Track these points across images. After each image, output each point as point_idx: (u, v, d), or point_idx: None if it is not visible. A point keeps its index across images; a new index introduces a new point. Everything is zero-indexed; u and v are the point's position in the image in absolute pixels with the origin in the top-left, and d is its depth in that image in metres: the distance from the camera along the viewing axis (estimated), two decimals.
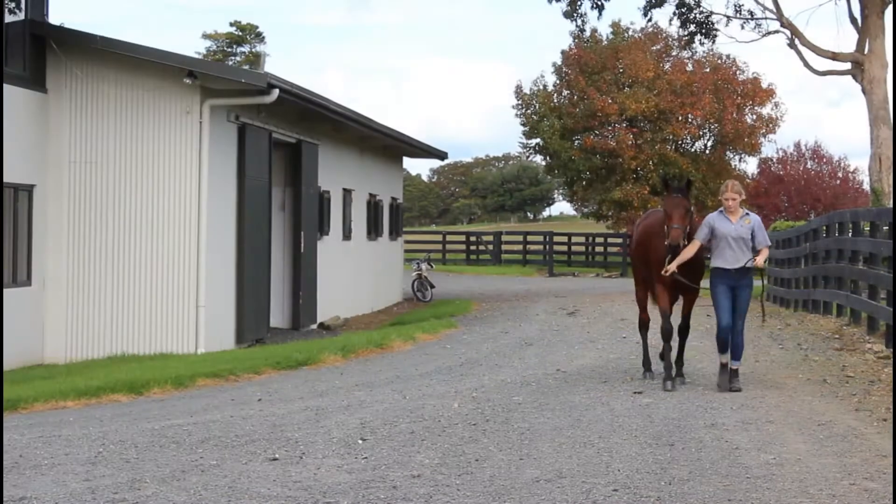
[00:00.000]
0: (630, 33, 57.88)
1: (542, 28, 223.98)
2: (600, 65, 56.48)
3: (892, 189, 32.01)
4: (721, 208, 14.20)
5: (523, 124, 60.53)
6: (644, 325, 15.96)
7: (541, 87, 59.97)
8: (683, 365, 15.13)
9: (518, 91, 60.70)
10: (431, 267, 37.99)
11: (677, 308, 15.28)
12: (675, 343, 14.84)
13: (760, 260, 14.15)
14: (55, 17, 22.48)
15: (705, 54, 54.24)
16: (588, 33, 52.54)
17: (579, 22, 36.05)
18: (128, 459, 9.88)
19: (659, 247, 14.34)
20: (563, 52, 58.77)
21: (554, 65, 59.76)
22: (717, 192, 16.11)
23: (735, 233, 13.93)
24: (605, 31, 58.41)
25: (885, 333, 18.05)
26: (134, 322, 21.47)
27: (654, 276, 14.66)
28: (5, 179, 20.42)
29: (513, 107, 61.17)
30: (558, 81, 59.47)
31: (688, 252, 13.97)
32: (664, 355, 14.76)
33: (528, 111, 59.91)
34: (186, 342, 21.41)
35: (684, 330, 15.11)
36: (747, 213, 14.27)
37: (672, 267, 13.92)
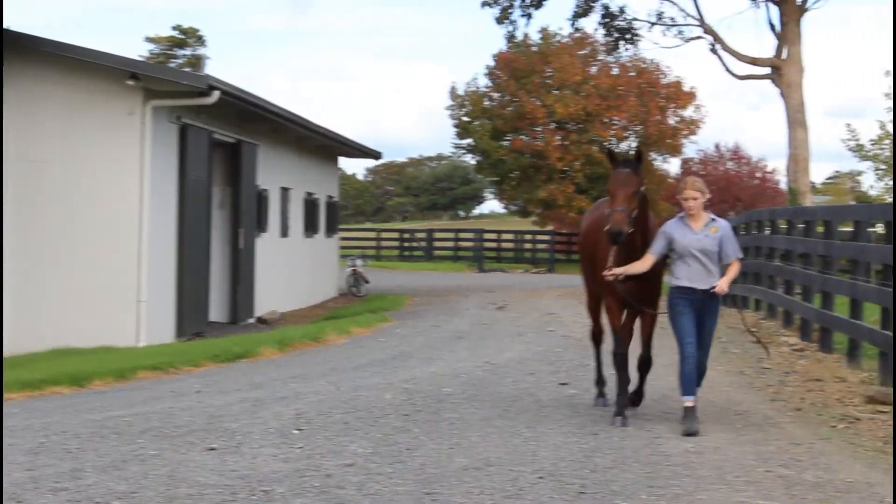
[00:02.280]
0: (558, 38, 58.10)
1: (479, 32, 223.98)
2: (530, 68, 56.68)
3: (804, 188, 32.44)
4: (680, 213, 11.11)
5: (456, 125, 60.65)
6: (596, 339, 12.98)
7: (474, 90, 60.11)
8: (643, 398, 12.12)
9: (452, 93, 60.85)
10: (366, 263, 37.99)
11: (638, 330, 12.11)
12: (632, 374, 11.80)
13: (726, 282, 10.83)
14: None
15: (630, 59, 54.58)
16: (521, 37, 52.77)
17: (511, 28, 36.14)
18: (69, 450, 9.84)
19: (605, 245, 11.19)
20: (494, 56, 58.94)
21: (487, 67, 59.95)
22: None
23: (699, 245, 10.84)
24: (535, 35, 58.69)
25: (800, 327, 18.38)
26: (77, 316, 21.27)
27: (601, 282, 11.61)
28: None
29: (446, 108, 61.34)
30: (490, 84, 59.62)
31: (637, 266, 10.90)
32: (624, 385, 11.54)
33: (462, 112, 60.03)
34: (128, 336, 21.28)
35: (644, 363, 11.95)
36: (714, 219, 11.07)
37: (619, 271, 10.87)
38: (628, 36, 36.33)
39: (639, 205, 10.98)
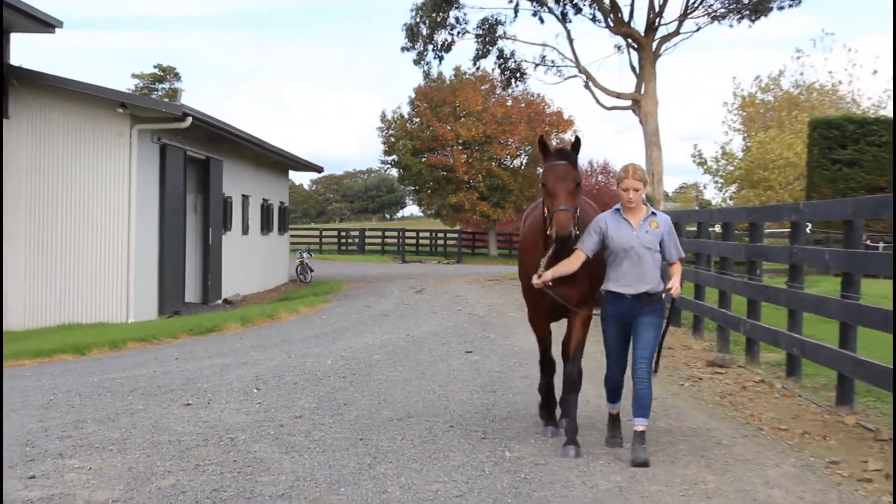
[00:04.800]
0: (467, 76, 58.21)
1: (404, 68, 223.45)
2: (442, 100, 56.75)
3: (658, 196, 32.85)
4: (617, 206, 7.90)
5: (384, 143, 60.48)
6: (545, 354, 8.91)
7: (399, 116, 60.02)
8: (577, 431, 7.93)
9: (382, 117, 60.66)
10: (311, 255, 37.80)
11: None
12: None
13: (676, 283, 7.71)
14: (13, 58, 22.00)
15: (521, 93, 54.81)
16: (435, 75, 52.84)
17: (425, 68, 36.12)
18: (73, 405, 9.78)
19: (534, 250, 8.07)
20: (415, 90, 58.91)
21: (409, 98, 59.89)
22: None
23: (637, 241, 7.66)
24: (448, 73, 58.61)
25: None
26: (78, 298, 21.27)
27: (524, 291, 8.54)
28: None
29: (377, 128, 61.16)
30: (411, 111, 59.57)
31: (566, 267, 7.68)
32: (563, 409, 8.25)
33: (388, 134, 59.92)
34: (119, 313, 21.24)
35: (571, 380, 8.09)
36: (654, 213, 7.86)
37: (548, 276, 7.68)
38: (518, 74, 36.34)
39: (580, 203, 7.81)
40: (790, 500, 6.55)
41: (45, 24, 22.09)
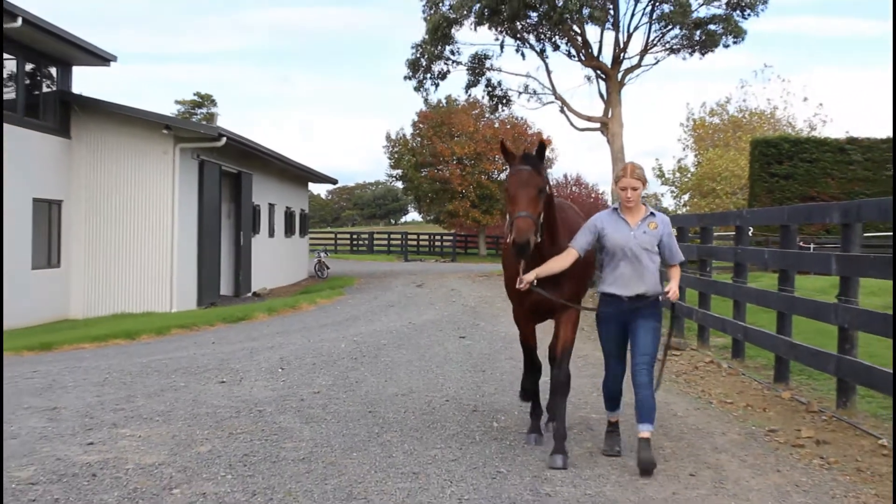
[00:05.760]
0: (459, 103, 58.14)
1: (407, 95, 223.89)
2: (440, 121, 56.70)
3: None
4: (615, 204, 6.73)
5: (390, 159, 60.48)
6: (530, 355, 7.47)
7: (402, 136, 60.00)
8: (566, 437, 6.56)
9: (388, 137, 60.66)
10: (327, 255, 37.79)
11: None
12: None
13: (675, 287, 6.49)
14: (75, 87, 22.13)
15: (507, 117, 54.79)
16: (434, 101, 52.91)
17: (424, 94, 36.10)
18: (125, 383, 9.76)
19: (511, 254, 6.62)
20: (417, 113, 58.87)
21: (412, 120, 59.86)
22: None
23: (635, 242, 6.40)
24: (443, 99, 58.55)
25: None
26: (129, 291, 21.37)
27: (508, 294, 7.13)
28: (45, 197, 20.46)
29: (383, 147, 61.11)
30: (413, 132, 59.53)
31: (556, 264, 6.43)
32: (551, 413, 7.06)
33: (394, 151, 59.86)
34: (164, 304, 21.28)
35: (559, 383, 6.67)
36: (653, 213, 6.56)
37: (530, 277, 6.40)
38: (504, 101, 36.28)
39: (544, 207, 6.35)
40: (735, 463, 6.55)
41: (102, 58, 22.17)
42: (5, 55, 19.31)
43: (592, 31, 71.54)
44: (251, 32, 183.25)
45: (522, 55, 34.31)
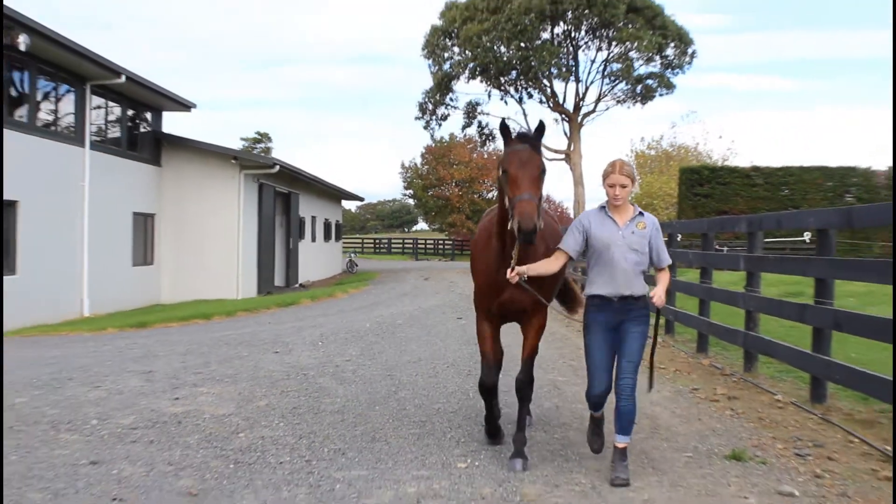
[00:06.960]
0: (458, 138, 58.16)
1: (417, 131, 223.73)
2: (442, 153, 56.66)
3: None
4: (602, 203, 4.70)
5: (403, 182, 60.38)
6: (487, 374, 5.18)
7: (414, 164, 59.99)
8: (525, 443, 4.90)
9: (402, 165, 60.57)
10: (356, 255, 37.79)
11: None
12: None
13: (661, 292, 4.51)
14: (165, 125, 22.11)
15: (493, 150, 54.67)
16: (437, 137, 52.98)
17: (431, 132, 36.19)
18: (202, 352, 9.77)
19: (486, 249, 4.89)
20: (425, 147, 58.90)
21: (421, 152, 59.85)
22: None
23: (623, 241, 4.56)
24: (445, 136, 58.56)
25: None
26: (206, 282, 21.34)
27: (476, 293, 5.14)
28: (142, 211, 20.45)
29: (399, 172, 61.10)
30: (422, 161, 59.50)
31: (545, 266, 4.63)
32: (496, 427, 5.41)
33: (407, 175, 59.81)
34: (231, 292, 21.24)
35: (523, 386, 4.96)
36: (641, 213, 4.67)
37: (522, 269, 4.51)
38: (491, 138, 36.49)
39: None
40: (667, 413, 6.55)
41: (185, 105, 22.14)
42: (113, 104, 19.37)
43: (559, 85, 71.36)
44: (291, 87, 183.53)
45: (505, 102, 34.61)
